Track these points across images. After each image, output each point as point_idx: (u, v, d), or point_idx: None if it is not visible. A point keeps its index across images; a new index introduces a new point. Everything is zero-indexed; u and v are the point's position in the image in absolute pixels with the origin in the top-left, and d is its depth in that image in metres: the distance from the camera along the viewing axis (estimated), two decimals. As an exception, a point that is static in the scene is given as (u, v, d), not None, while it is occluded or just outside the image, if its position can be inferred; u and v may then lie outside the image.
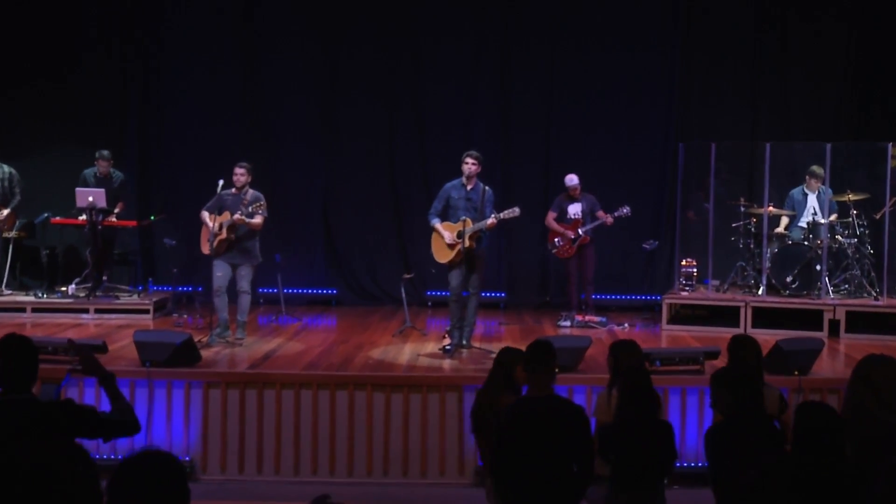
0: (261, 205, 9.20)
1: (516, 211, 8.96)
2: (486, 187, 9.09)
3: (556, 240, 10.88)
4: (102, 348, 8.06)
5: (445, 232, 9.03)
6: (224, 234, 9.22)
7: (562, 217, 10.94)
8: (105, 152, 11.39)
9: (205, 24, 12.55)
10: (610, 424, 5.31)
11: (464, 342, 9.04)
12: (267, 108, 12.59)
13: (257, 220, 9.25)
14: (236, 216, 9.10)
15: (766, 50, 12.37)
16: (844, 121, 12.18)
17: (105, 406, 7.62)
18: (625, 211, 10.71)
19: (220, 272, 9.33)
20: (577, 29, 12.46)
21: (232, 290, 9.38)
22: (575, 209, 10.89)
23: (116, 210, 11.24)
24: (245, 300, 9.43)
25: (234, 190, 9.43)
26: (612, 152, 12.26)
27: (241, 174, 9.39)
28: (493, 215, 8.87)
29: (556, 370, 5.34)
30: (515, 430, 5.01)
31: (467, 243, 8.82)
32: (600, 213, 10.77)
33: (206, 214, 9.43)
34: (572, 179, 10.86)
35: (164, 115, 12.59)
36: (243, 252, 9.37)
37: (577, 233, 10.74)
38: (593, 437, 5.23)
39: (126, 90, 12.57)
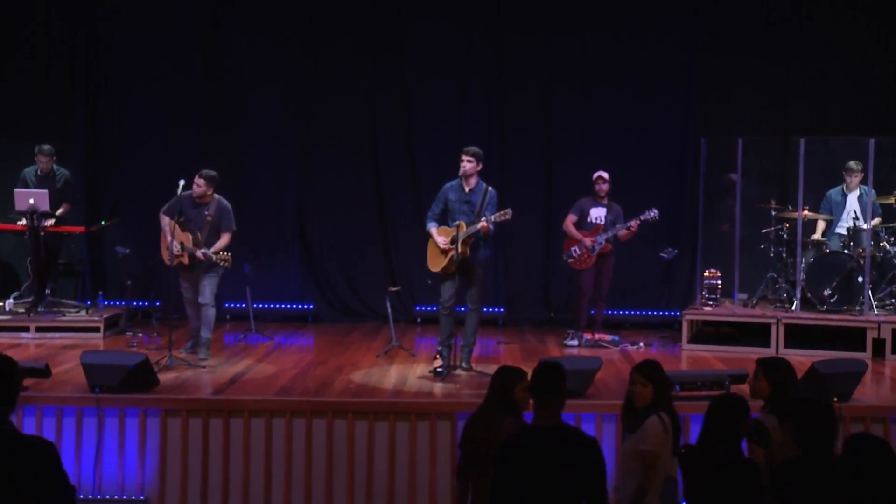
0: (226, 257, 9.38)
1: (508, 213, 8.93)
2: (490, 188, 9.10)
3: (572, 248, 10.80)
4: (45, 372, 7.99)
5: (440, 237, 9.03)
6: (186, 260, 9.41)
7: (581, 222, 10.88)
8: (46, 147, 11.32)
9: (162, 6, 12.54)
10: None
11: (462, 364, 9.03)
12: (233, 102, 12.58)
13: (220, 247, 9.48)
14: (200, 254, 9.28)
15: (796, 35, 12.40)
16: (888, 114, 12.20)
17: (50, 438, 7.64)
18: (652, 214, 10.64)
19: (185, 283, 9.72)
20: (580, 12, 12.48)
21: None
22: (598, 213, 10.82)
23: (60, 212, 11.18)
24: (208, 314, 9.52)
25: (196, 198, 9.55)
26: (623, 150, 12.25)
27: (198, 185, 9.58)
28: (483, 219, 8.85)
29: (566, 395, 5.31)
30: (518, 463, 4.97)
31: (460, 249, 8.80)
32: (619, 228, 10.68)
33: (165, 220, 9.57)
34: (601, 174, 10.82)
35: (115, 107, 12.56)
36: (203, 263, 9.52)
37: (596, 240, 10.69)
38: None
39: (72, 78, 12.53)
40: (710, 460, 5.16)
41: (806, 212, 10.87)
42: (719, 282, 11.12)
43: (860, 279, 10.48)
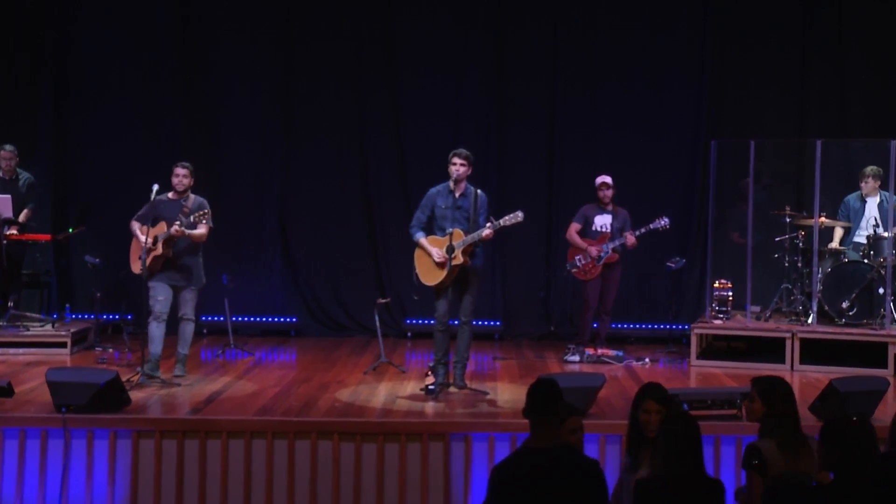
0: (205, 213, 9.28)
1: (519, 216, 8.91)
2: (479, 191, 9.08)
3: (577, 258, 10.84)
4: (7, 391, 7.96)
5: (434, 248, 8.96)
6: (160, 250, 9.22)
7: (586, 230, 10.90)
8: (8, 146, 11.30)
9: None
10: (647, 479, 5.21)
11: (456, 381, 9.00)
12: (212, 101, 12.61)
13: (200, 230, 9.34)
14: (174, 228, 9.11)
15: (812, 33, 12.43)
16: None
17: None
18: (662, 223, 10.69)
19: (162, 296, 9.36)
20: (587, 7, 12.53)
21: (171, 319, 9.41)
22: (603, 221, 10.86)
23: (22, 219, 11.15)
24: (188, 329, 9.53)
25: (171, 195, 9.47)
26: (630, 153, 12.30)
27: (182, 175, 9.50)
28: (489, 224, 8.82)
29: (564, 414, 5.31)
30: (514, 488, 4.96)
31: (460, 259, 8.78)
32: (627, 236, 10.72)
33: (136, 226, 9.45)
34: (605, 180, 10.84)
35: (85, 107, 12.56)
36: (186, 272, 9.44)
37: (602, 249, 10.70)
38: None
39: (37, 75, 12.53)
40: (677, 487, 5.05)
41: (823, 219, 10.88)
42: (730, 293, 11.13)
43: (881, 290, 10.50)
